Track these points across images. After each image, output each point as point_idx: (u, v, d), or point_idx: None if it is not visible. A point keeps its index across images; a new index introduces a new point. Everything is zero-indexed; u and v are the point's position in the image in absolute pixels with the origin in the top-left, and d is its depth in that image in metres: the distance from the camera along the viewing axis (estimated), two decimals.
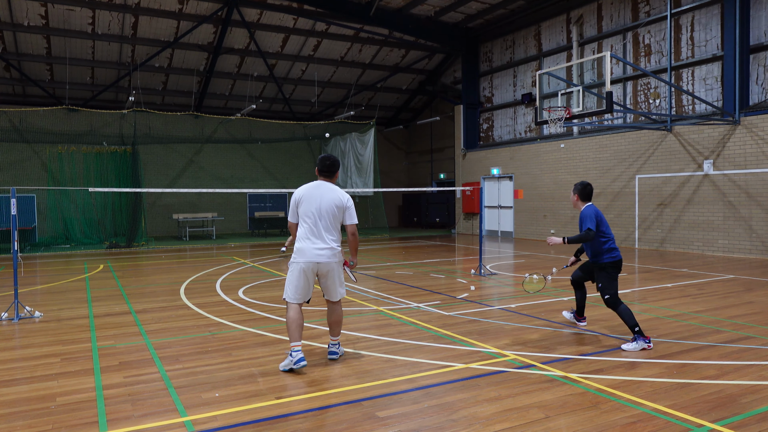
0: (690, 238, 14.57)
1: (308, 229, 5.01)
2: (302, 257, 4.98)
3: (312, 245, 4.98)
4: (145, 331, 6.49)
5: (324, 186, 5.11)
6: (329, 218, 5.02)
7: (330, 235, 5.04)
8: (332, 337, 5.30)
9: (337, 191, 5.10)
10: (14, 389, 4.56)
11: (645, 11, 15.91)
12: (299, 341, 4.89)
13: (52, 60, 19.33)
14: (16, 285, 7.52)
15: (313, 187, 5.13)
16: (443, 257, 14.20)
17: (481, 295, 8.64)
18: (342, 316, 5.32)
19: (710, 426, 3.68)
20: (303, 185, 5.20)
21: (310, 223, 5.01)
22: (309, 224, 5.01)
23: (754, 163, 13.19)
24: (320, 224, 5.00)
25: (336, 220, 5.07)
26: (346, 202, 5.10)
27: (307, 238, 5.00)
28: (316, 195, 5.05)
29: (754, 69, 13.61)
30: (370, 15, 19.28)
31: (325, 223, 5.01)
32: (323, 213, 5.00)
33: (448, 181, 25.81)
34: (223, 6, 18.30)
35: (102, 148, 20.54)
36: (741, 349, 5.45)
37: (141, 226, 18.48)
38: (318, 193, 5.06)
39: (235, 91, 23.31)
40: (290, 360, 4.85)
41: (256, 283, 10.17)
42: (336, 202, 5.05)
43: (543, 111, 13.09)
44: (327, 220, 5.01)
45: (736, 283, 9.53)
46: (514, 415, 3.90)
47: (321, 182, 5.16)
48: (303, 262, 4.98)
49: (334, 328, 5.27)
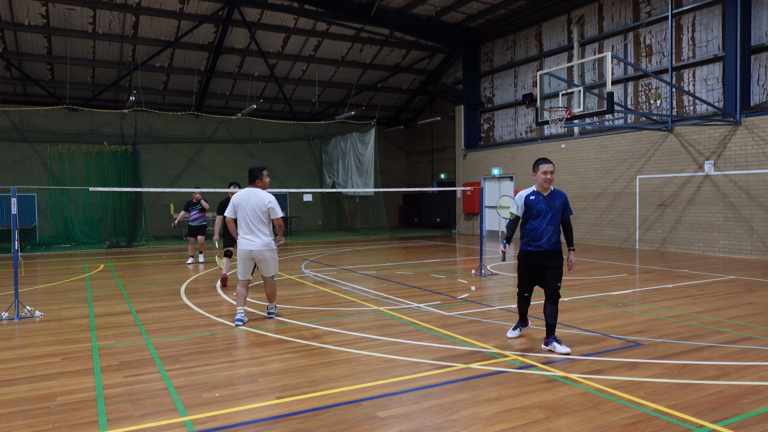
0: (691, 239, 14.56)
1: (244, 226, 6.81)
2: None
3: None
4: (146, 331, 6.49)
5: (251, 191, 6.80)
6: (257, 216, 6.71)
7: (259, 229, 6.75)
8: (269, 303, 7.18)
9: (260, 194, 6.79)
10: (14, 389, 4.56)
11: (646, 11, 15.90)
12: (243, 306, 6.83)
13: (52, 59, 19.34)
14: (17, 284, 7.52)
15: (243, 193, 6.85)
16: (444, 257, 14.20)
17: (481, 296, 8.63)
18: (274, 288, 7.07)
19: (711, 426, 3.67)
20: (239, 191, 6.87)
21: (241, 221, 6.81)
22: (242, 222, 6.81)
23: (755, 164, 13.17)
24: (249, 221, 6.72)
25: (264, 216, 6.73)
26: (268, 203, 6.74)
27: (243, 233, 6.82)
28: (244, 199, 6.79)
29: (756, 69, 13.60)
30: (371, 15, 19.28)
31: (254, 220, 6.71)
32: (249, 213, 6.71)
33: (448, 181, 25.80)
34: (223, 6, 18.30)
35: (102, 148, 20.55)
36: (742, 350, 5.44)
37: (141, 225, 18.48)
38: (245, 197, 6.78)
39: (236, 91, 23.31)
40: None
41: (256, 283, 10.16)
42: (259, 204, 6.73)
43: (544, 111, 13.08)
44: (255, 217, 6.71)
45: (736, 283, 9.52)
46: (514, 415, 3.90)
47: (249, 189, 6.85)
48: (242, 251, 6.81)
49: (270, 297, 7.10)
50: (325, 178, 25.47)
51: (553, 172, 5.64)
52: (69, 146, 20.04)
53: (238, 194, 6.77)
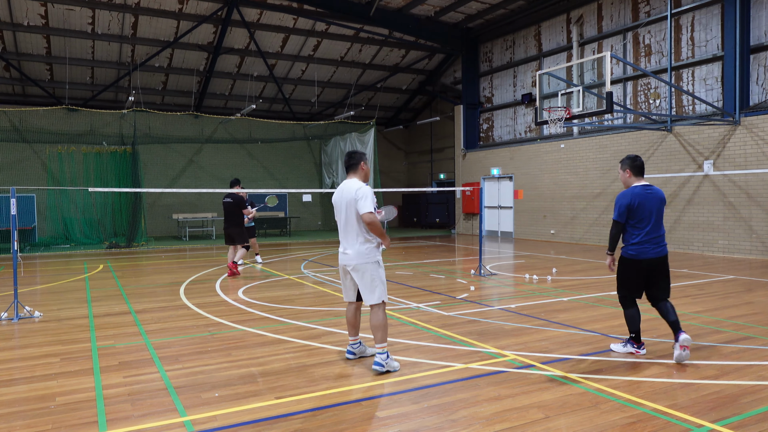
0: (690, 239, 14.57)
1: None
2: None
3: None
4: (145, 331, 6.49)
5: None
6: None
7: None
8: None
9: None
10: (14, 389, 4.56)
11: (645, 11, 15.91)
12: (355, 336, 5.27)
13: (51, 60, 19.33)
14: (16, 285, 7.52)
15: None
16: (443, 257, 14.20)
17: (480, 296, 8.63)
18: (381, 321, 4.91)
19: (710, 426, 3.67)
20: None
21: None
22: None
23: (754, 164, 13.18)
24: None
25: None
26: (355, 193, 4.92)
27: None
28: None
29: (755, 69, 13.60)
30: (370, 15, 19.28)
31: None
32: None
33: (448, 182, 25.80)
34: (222, 6, 18.30)
35: (102, 148, 20.54)
36: (741, 350, 5.45)
37: (141, 226, 18.47)
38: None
39: (235, 91, 23.30)
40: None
41: (255, 283, 10.17)
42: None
43: (543, 111, 13.08)
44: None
45: (736, 283, 9.53)
46: (513, 415, 3.90)
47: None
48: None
49: (375, 332, 4.94)
50: (325, 179, 25.47)
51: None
52: (68, 147, 20.02)
53: (336, 191, 5.12)
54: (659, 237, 5.19)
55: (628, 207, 5.13)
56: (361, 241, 4.90)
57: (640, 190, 5.16)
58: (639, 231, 5.15)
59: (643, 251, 5.13)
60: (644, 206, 5.13)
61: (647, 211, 5.13)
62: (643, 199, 5.12)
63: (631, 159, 5.28)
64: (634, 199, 5.12)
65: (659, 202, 5.20)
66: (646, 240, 5.13)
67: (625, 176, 5.30)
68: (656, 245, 5.16)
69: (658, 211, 5.18)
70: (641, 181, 5.26)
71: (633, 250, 5.17)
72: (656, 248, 5.16)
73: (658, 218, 5.20)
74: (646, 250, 5.13)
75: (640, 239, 5.14)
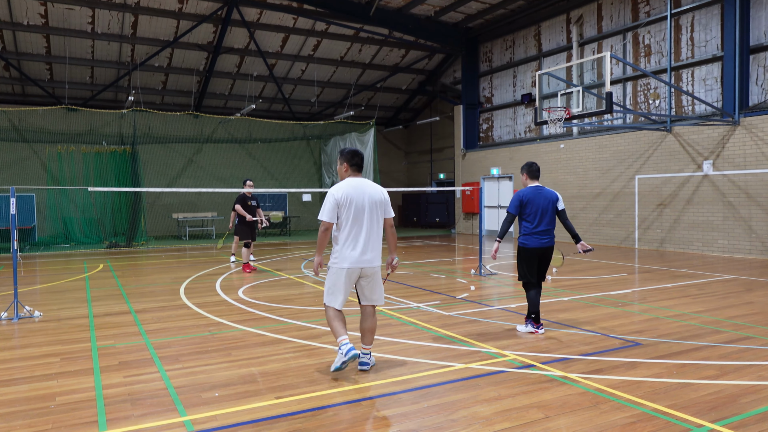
0: (690, 239, 14.57)
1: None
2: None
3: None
4: (145, 331, 6.49)
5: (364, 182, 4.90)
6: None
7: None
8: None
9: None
10: (14, 389, 4.56)
11: (645, 11, 15.91)
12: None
13: (51, 59, 19.32)
14: (16, 284, 7.51)
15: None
16: (443, 257, 14.20)
17: (480, 295, 8.64)
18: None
19: (710, 426, 3.67)
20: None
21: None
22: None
23: (753, 164, 13.19)
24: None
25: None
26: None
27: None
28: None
29: (754, 69, 13.61)
30: (370, 15, 19.28)
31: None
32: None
33: (447, 181, 25.81)
34: (222, 5, 18.29)
35: (101, 148, 20.53)
36: (741, 350, 5.45)
37: (141, 225, 18.47)
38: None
39: (235, 91, 23.30)
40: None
41: (255, 282, 10.17)
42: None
43: (543, 111, 13.09)
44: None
45: (735, 283, 9.54)
46: (513, 415, 3.90)
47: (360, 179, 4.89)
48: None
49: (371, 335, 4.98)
50: (324, 178, 25.47)
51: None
52: (68, 146, 20.01)
53: (347, 187, 4.76)
54: (546, 231, 6.14)
55: (520, 201, 6.17)
56: (380, 245, 4.91)
57: (531, 190, 6.19)
58: (529, 224, 6.15)
59: (531, 241, 6.15)
60: (533, 203, 6.12)
61: (535, 207, 6.11)
62: (532, 197, 6.13)
63: (528, 165, 6.32)
64: (525, 197, 6.16)
65: (548, 201, 6.13)
66: (534, 232, 6.13)
67: (523, 179, 6.36)
68: (541, 237, 6.13)
69: (545, 208, 6.11)
70: (535, 183, 6.28)
71: (523, 240, 6.22)
72: (541, 240, 6.13)
73: (548, 215, 6.13)
74: (533, 240, 6.13)
75: (529, 231, 6.15)
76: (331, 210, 4.66)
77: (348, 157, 4.88)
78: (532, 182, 6.28)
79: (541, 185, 6.25)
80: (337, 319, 4.82)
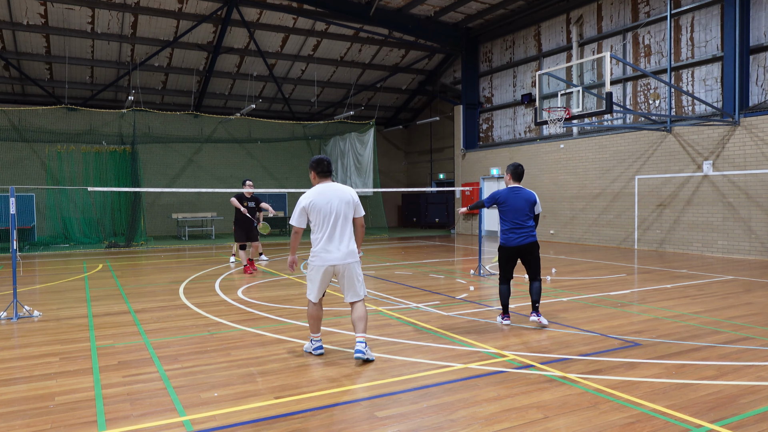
0: (689, 239, 14.58)
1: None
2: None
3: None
4: (144, 331, 6.49)
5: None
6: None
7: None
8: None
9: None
10: (13, 388, 4.56)
11: (645, 12, 15.92)
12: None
13: (51, 59, 19.32)
14: (15, 284, 7.51)
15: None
16: (442, 257, 14.20)
17: (480, 296, 8.64)
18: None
19: (709, 426, 3.67)
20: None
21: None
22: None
23: (753, 164, 13.19)
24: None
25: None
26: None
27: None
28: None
29: (754, 70, 13.61)
30: (370, 15, 19.28)
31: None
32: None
33: (447, 182, 25.81)
34: (222, 5, 18.29)
35: (101, 148, 20.53)
36: (740, 350, 5.45)
37: (140, 225, 18.47)
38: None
39: (235, 91, 23.30)
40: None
41: (255, 283, 10.17)
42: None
43: (543, 111, 13.09)
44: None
45: (735, 284, 9.54)
46: (513, 415, 3.90)
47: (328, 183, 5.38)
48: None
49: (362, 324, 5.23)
50: None
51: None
52: (67, 146, 20.02)
53: (313, 194, 5.23)
54: (524, 229, 6.34)
55: (496, 198, 6.47)
56: (352, 241, 5.31)
57: (507, 191, 6.46)
58: (506, 223, 6.42)
59: (509, 239, 6.39)
60: (508, 202, 6.39)
61: (510, 206, 6.38)
62: (507, 198, 6.41)
63: (514, 167, 6.59)
64: (500, 197, 6.44)
65: (524, 201, 6.38)
66: (510, 229, 6.38)
67: (506, 178, 6.63)
68: (519, 235, 6.34)
69: (521, 208, 6.35)
70: (516, 183, 6.54)
71: (502, 238, 6.49)
72: (519, 237, 6.34)
73: (524, 214, 6.36)
74: (512, 238, 6.37)
75: (506, 228, 6.41)
76: (299, 216, 5.24)
77: (314, 165, 5.35)
78: (514, 183, 6.54)
79: (521, 186, 6.52)
80: (314, 318, 5.35)
